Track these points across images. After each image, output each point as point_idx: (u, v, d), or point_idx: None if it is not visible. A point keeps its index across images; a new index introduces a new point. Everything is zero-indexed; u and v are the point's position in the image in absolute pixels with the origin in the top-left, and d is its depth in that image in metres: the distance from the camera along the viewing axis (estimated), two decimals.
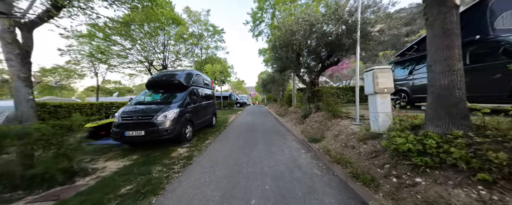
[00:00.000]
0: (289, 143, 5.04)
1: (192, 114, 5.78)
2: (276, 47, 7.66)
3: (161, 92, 5.81)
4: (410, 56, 6.06)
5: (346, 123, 4.58)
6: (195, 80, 6.82)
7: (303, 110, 8.91)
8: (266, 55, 19.55)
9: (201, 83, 7.55)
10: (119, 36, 11.40)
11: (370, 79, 3.43)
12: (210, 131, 7.39)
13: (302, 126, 6.64)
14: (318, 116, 6.37)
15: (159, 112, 4.59)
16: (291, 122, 8.30)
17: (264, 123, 9.19)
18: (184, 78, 6.05)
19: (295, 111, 9.88)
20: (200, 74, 7.74)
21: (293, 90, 11.05)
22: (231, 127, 8.34)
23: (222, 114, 14.57)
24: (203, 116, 7.03)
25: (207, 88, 8.22)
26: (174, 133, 4.68)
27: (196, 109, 6.28)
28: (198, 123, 6.37)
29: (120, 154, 4.29)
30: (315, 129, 5.51)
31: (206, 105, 7.55)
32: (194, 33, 13.52)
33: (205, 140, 5.75)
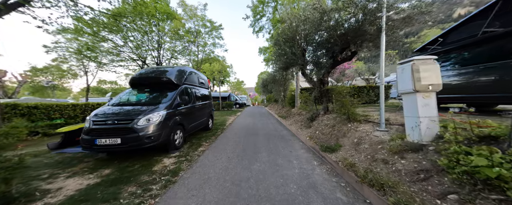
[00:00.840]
0: (297, 152, 4.25)
1: (183, 117, 4.98)
2: (279, 42, 6.89)
3: (147, 91, 5.00)
4: (434, 51, 5.29)
5: (367, 129, 3.79)
6: (188, 78, 6.02)
7: (308, 111, 8.12)
8: (266, 54, 18.78)
9: (196, 82, 6.75)
10: (110, 31, 10.60)
11: (407, 74, 2.64)
12: (205, 135, 6.59)
13: (310, 130, 5.84)
14: (328, 119, 5.57)
15: (140, 115, 3.78)
16: (295, 125, 7.50)
17: (266, 126, 8.40)
18: (175, 75, 5.25)
19: (299, 113, 9.09)
20: (195, 71, 6.95)
21: (297, 90, 10.27)
22: (230, 130, 7.53)
23: (220, 116, 13.76)
24: (198, 118, 6.23)
25: (202, 87, 7.43)
26: (159, 140, 3.87)
27: (189, 111, 5.48)
28: (191, 127, 5.56)
29: (90, 168, 3.47)
30: (326, 134, 4.71)
31: (201, 106, 6.75)
32: (191, 30, 12.73)
33: (198, 147, 4.94)
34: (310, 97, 7.89)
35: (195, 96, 6.14)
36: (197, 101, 6.41)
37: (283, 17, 6.44)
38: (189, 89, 5.84)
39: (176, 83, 5.12)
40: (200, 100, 6.85)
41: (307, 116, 7.68)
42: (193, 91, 6.07)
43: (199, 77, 7.27)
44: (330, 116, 5.69)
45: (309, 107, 8.26)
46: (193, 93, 6.01)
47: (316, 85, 6.18)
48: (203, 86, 7.63)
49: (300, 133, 5.93)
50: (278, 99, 16.00)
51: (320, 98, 6.17)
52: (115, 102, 4.48)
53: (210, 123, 7.75)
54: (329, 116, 5.84)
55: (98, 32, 10.32)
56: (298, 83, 10.29)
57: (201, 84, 7.30)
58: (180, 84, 5.27)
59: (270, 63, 20.64)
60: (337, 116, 5.27)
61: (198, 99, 6.62)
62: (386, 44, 3.64)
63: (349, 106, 4.29)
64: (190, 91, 5.84)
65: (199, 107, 6.54)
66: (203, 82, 7.67)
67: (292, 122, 8.34)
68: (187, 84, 5.82)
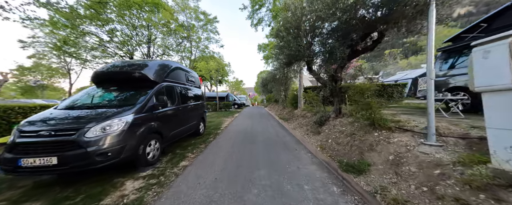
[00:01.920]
0: (306, 168, 3.21)
1: (162, 123, 3.93)
2: (281, 33, 5.86)
3: (113, 89, 3.95)
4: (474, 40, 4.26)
5: (406, 141, 2.75)
6: (172, 75, 4.97)
7: (314, 113, 7.09)
8: (266, 51, 17.74)
9: (183, 80, 5.70)
10: (96, 25, 9.56)
11: (498, 58, 1.61)
12: (194, 142, 5.54)
13: (319, 137, 4.80)
14: (343, 124, 4.54)
15: (93, 122, 2.74)
16: (300, 129, 6.46)
17: (266, 129, 7.36)
18: (154, 70, 4.21)
19: (303, 115, 8.05)
20: (182, 67, 5.90)
21: (300, 89, 9.25)
22: (224, 136, 6.49)
23: (216, 118, 12.72)
24: (184, 123, 5.19)
25: (192, 86, 6.38)
26: (120, 156, 2.83)
27: (171, 114, 4.43)
28: (174, 134, 4.52)
29: (12, 200, 2.42)
30: (343, 145, 3.68)
31: (190, 108, 5.71)
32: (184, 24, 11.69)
33: (180, 161, 3.90)
34: (317, 97, 6.86)
35: (181, 96, 5.09)
36: (184, 102, 5.37)
37: (287, 3, 5.38)
38: (173, 87, 4.80)
39: (154, 80, 4.08)
40: (189, 101, 5.80)
41: (313, 119, 6.65)
42: (178, 90, 5.02)
43: (188, 74, 6.23)
44: (345, 121, 4.65)
45: (315, 108, 7.23)
46: (178, 92, 4.96)
47: (326, 83, 5.14)
48: (193, 85, 6.59)
49: (307, 141, 4.90)
50: (279, 99, 14.96)
51: (330, 98, 5.14)
52: (66, 104, 3.42)
53: (201, 127, 6.70)
54: (342, 120, 4.80)
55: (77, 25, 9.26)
56: (301, 82, 9.26)
57: (190, 82, 6.26)
58: (160, 82, 4.23)
59: (270, 61, 19.59)
60: (354, 121, 4.23)
61: (186, 99, 5.58)
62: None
63: (376, 109, 3.25)
64: (174, 90, 4.80)
65: (187, 109, 5.50)
66: (193, 80, 6.62)
67: (295, 125, 7.30)
68: (171, 82, 4.77)
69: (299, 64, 6.64)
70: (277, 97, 15.27)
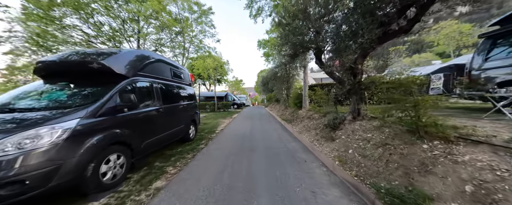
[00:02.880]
0: (327, 197, 2.23)
1: (131, 130, 2.98)
2: (284, 21, 4.90)
3: (63, 85, 2.98)
4: None
5: (488, 160, 1.77)
6: (151, 68, 4.00)
7: (323, 114, 6.12)
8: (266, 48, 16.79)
9: (166, 75, 4.73)
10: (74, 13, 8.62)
11: None
12: (179, 150, 4.58)
13: (334, 145, 3.83)
14: (366, 128, 3.56)
15: (4, 133, 1.79)
16: (307, 134, 5.49)
17: (267, 133, 6.39)
18: (122, 61, 3.25)
19: (309, 116, 7.07)
20: (166, 60, 4.93)
21: (305, 87, 8.28)
22: (218, 141, 5.53)
23: (213, 119, 11.76)
24: (167, 128, 4.23)
25: (180, 83, 5.42)
26: (48, 184, 1.88)
27: (146, 117, 3.47)
28: (152, 143, 3.56)
29: None
30: (373, 158, 2.70)
31: (176, 110, 4.75)
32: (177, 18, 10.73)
33: (155, 180, 2.95)
34: (326, 96, 5.89)
35: (162, 94, 4.13)
36: (169, 101, 4.42)
37: None
38: (151, 84, 3.83)
39: (120, 73, 3.11)
40: (175, 101, 4.85)
41: (323, 121, 5.68)
42: (158, 87, 4.05)
43: (175, 69, 5.26)
44: (367, 125, 3.68)
45: (324, 108, 6.26)
46: (158, 90, 3.99)
47: (341, 78, 4.17)
48: (182, 82, 5.63)
49: (319, 149, 3.93)
50: (280, 99, 14.00)
51: (345, 96, 4.19)
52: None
53: (191, 132, 5.74)
54: (363, 123, 3.83)
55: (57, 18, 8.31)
56: (306, 79, 8.30)
57: (177, 78, 5.29)
58: (129, 76, 3.25)
59: (270, 59, 18.63)
60: (382, 125, 3.26)
61: (171, 99, 4.62)
62: None
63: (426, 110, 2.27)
64: (152, 88, 3.83)
65: (173, 111, 4.54)
66: (181, 76, 5.66)
67: (301, 128, 6.32)
68: (148, 77, 3.80)
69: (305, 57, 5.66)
70: (279, 96, 14.30)
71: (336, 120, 4.51)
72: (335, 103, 4.97)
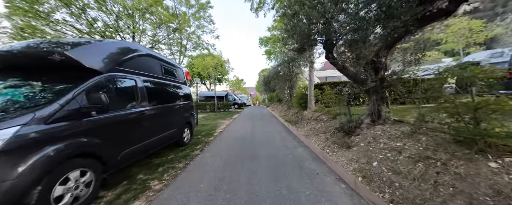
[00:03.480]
0: None
1: (103, 137, 2.39)
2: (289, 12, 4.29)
3: (15, 82, 2.40)
4: None
5: None
6: (134, 63, 3.41)
7: (333, 116, 5.50)
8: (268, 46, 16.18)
9: (155, 71, 4.13)
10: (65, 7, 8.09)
11: None
12: (170, 158, 4.00)
13: (351, 154, 3.22)
14: (392, 135, 2.94)
15: None
16: (316, 138, 4.87)
17: (270, 137, 5.78)
18: (95, 53, 2.66)
19: (316, 118, 6.46)
20: (156, 55, 4.34)
21: (310, 86, 7.66)
22: (215, 146, 4.93)
23: (212, 120, 11.18)
24: (155, 133, 3.65)
25: (172, 81, 4.83)
26: None
27: (126, 121, 2.88)
28: (133, 153, 2.97)
29: None
30: (410, 177, 2.08)
31: (167, 111, 4.17)
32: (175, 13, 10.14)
33: (133, 200, 2.36)
34: (337, 96, 5.27)
35: (148, 94, 3.54)
36: (158, 102, 3.84)
37: None
38: (134, 81, 3.24)
39: (92, 67, 2.51)
40: (167, 101, 4.26)
41: (333, 124, 5.06)
42: (144, 85, 3.46)
43: (166, 66, 4.66)
44: (392, 130, 3.06)
45: (333, 109, 5.63)
46: (142, 89, 3.40)
47: (356, 75, 3.55)
48: (175, 80, 5.03)
49: (332, 158, 3.31)
50: (283, 99, 13.38)
51: (360, 96, 3.57)
52: None
53: (186, 135, 5.15)
54: (386, 128, 3.21)
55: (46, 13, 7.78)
56: (312, 77, 7.67)
57: (168, 75, 4.69)
58: (104, 71, 2.66)
59: (272, 57, 18.00)
60: (414, 131, 2.64)
61: (161, 99, 4.04)
62: None
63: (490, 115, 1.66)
64: (135, 86, 3.24)
65: (162, 113, 3.95)
66: (174, 73, 5.06)
67: (308, 131, 5.71)
68: (130, 73, 3.21)
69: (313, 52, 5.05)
70: (281, 96, 13.68)
71: (350, 124, 3.89)
72: (348, 104, 4.35)
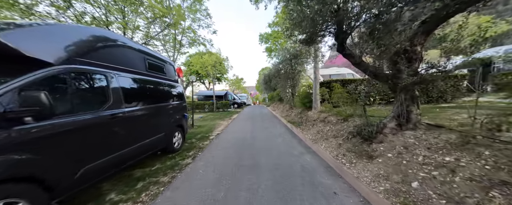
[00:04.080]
0: None
1: (47, 154, 1.75)
2: None
3: None
4: None
5: None
6: (104, 54, 2.74)
7: (344, 118, 4.85)
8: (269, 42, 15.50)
9: (137, 66, 3.47)
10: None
11: None
12: (154, 169, 3.35)
13: (376, 167, 2.57)
14: (430, 144, 2.30)
15: None
16: (326, 143, 4.23)
17: (272, 140, 5.13)
18: (42, 39, 2.01)
19: (324, 119, 5.81)
20: (134, 45, 3.66)
21: (316, 84, 7.01)
22: (209, 153, 4.28)
23: (210, 120, 10.54)
24: (133, 140, 3.00)
25: (158, 77, 4.17)
26: None
27: (84, 130, 2.23)
28: (99, 168, 2.33)
29: None
30: None
31: (151, 114, 3.52)
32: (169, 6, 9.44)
33: None
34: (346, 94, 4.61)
35: (125, 93, 2.89)
36: (139, 102, 3.19)
37: None
38: (104, 77, 2.59)
39: (37, 57, 1.87)
40: (151, 102, 3.61)
41: (344, 127, 4.42)
42: (117, 83, 2.80)
43: (151, 60, 4.00)
44: (430, 138, 2.42)
45: (344, 110, 4.98)
46: (115, 88, 2.75)
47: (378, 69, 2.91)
48: (163, 77, 4.38)
49: (351, 172, 2.67)
50: (285, 98, 12.74)
51: (393, 94, 2.93)
52: None
53: (177, 140, 4.51)
54: (420, 135, 2.57)
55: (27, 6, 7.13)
56: (317, 74, 7.02)
57: (155, 71, 4.03)
58: (58, 63, 2.01)
59: (273, 55, 17.32)
60: (466, 141, 1.99)
61: (143, 99, 3.39)
62: None
63: None
64: (105, 83, 2.59)
65: (144, 115, 3.31)
66: (162, 69, 4.41)
67: (315, 135, 5.06)
68: (97, 66, 2.55)
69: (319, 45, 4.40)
70: (282, 95, 13.03)
71: (369, 128, 3.24)
72: (364, 105, 3.71)
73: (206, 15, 10.99)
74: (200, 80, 26.09)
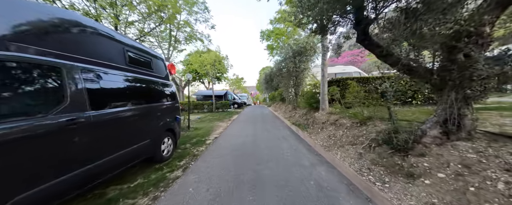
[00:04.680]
0: None
1: None
2: None
3: None
4: None
5: None
6: (61, 40, 2.09)
7: (360, 121, 4.18)
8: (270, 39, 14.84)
9: (111, 57, 2.80)
10: None
11: None
12: (133, 186, 2.68)
13: (424, 191, 1.91)
14: (506, 164, 1.65)
15: None
16: (343, 152, 3.57)
17: (276, 146, 4.46)
18: None
19: (334, 122, 5.14)
20: (107, 31, 2.98)
21: (323, 83, 6.34)
22: (204, 163, 3.61)
23: (208, 122, 9.90)
24: (105, 152, 2.35)
25: (143, 73, 3.51)
26: None
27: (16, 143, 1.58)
28: (46, 194, 1.68)
29: None
30: None
31: (131, 118, 2.87)
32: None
33: None
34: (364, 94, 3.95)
35: (87, 92, 2.24)
36: (111, 103, 2.55)
37: None
38: (57, 70, 1.94)
39: None
40: (130, 102, 2.95)
41: (363, 131, 3.76)
42: (79, 78, 2.14)
43: (133, 52, 3.34)
44: (500, 153, 1.76)
45: (360, 112, 4.31)
46: (77, 85, 2.10)
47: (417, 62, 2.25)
48: (150, 73, 3.72)
49: (388, 198, 2.00)
50: (288, 98, 12.08)
51: (436, 92, 2.28)
52: None
53: (166, 147, 3.85)
54: (479, 147, 1.92)
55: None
56: (326, 72, 6.36)
57: (138, 66, 3.37)
58: None
59: (274, 53, 16.66)
60: None
61: (117, 99, 2.74)
62: None
63: None
64: (58, 78, 1.94)
65: (118, 119, 2.65)
66: (148, 64, 3.75)
67: (326, 140, 4.40)
68: (47, 55, 1.90)
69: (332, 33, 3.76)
70: (285, 94, 12.37)
71: (403, 136, 2.58)
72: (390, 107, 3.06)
73: (204, 9, 10.33)
74: (199, 79, 25.44)
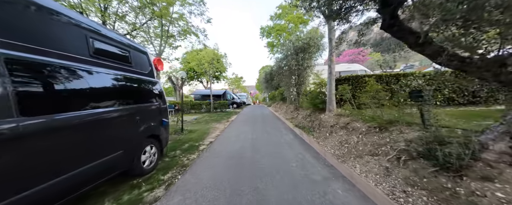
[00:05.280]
0: None
1: None
2: None
3: None
4: None
5: None
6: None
7: (379, 125, 3.55)
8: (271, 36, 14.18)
9: (64, 45, 2.13)
10: None
11: None
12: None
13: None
14: None
15: None
16: (362, 164, 2.93)
17: (281, 157, 3.81)
18: None
19: (345, 126, 4.50)
20: (63, 11, 2.31)
21: (331, 82, 5.69)
22: (194, 176, 2.96)
23: (204, 123, 9.24)
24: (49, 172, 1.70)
25: (117, 68, 2.85)
26: None
27: None
28: None
29: None
30: None
31: (93, 123, 2.21)
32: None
33: None
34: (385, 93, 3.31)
35: (16, 92, 1.59)
36: (65, 105, 1.90)
37: None
38: None
39: None
40: (88, 105, 2.29)
41: (388, 139, 3.13)
42: (3, 72, 1.50)
43: (102, 41, 2.67)
44: None
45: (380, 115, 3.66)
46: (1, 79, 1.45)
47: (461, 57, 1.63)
48: (126, 68, 3.07)
49: None
50: (288, 97, 11.44)
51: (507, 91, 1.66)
52: None
53: (147, 158, 3.20)
54: None
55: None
56: (333, 69, 5.71)
57: (109, 58, 2.71)
58: None
59: (275, 51, 16.00)
60: None
61: (75, 100, 2.09)
62: None
63: None
64: None
65: (72, 126, 2.00)
66: (125, 57, 3.09)
67: (338, 148, 3.76)
68: None
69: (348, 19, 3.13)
70: (286, 94, 11.72)
71: (454, 149, 1.94)
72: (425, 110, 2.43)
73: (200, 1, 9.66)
74: (197, 78, 24.75)
